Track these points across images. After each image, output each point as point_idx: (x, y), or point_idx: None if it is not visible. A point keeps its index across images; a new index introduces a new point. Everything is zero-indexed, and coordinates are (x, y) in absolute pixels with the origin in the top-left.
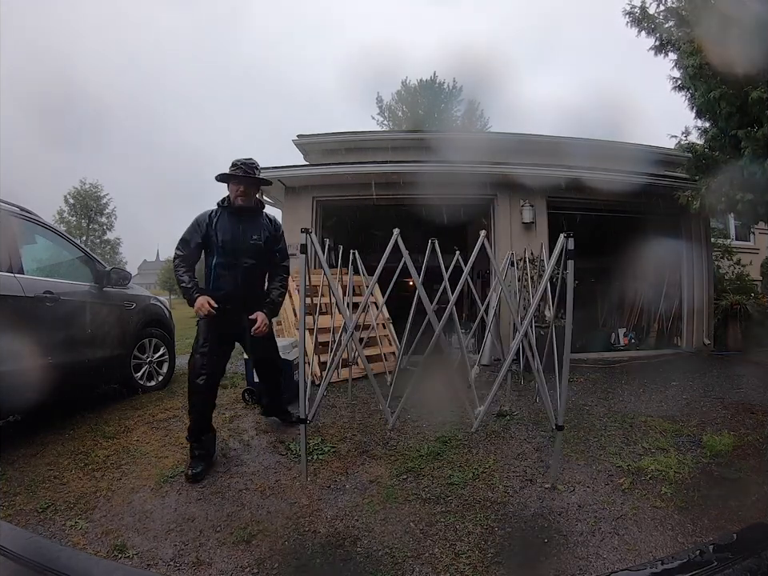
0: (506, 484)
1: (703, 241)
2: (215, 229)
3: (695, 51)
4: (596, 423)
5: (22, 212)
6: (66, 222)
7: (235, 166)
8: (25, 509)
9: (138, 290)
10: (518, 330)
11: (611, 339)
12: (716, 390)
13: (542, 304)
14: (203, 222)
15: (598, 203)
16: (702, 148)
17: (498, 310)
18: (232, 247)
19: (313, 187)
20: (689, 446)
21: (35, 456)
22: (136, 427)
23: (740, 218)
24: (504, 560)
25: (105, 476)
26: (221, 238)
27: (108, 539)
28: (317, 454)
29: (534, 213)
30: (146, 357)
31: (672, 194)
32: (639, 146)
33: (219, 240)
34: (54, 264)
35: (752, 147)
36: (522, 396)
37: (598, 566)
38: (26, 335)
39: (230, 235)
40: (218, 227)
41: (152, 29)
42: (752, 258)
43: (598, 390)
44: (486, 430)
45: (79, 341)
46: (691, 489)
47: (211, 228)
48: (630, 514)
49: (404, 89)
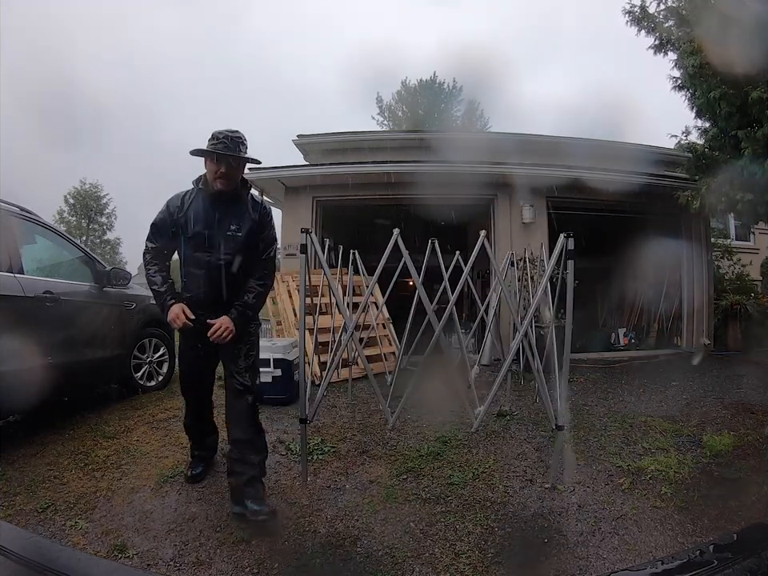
0: (506, 484)
1: (703, 241)
2: (186, 214)
3: (695, 51)
4: (596, 423)
5: (22, 212)
6: (66, 222)
7: (216, 140)
8: (25, 509)
9: (138, 290)
10: (517, 330)
11: (611, 339)
12: (716, 390)
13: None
14: (174, 206)
15: (598, 203)
16: (702, 148)
17: (497, 310)
18: (204, 239)
19: (313, 187)
20: (689, 446)
21: (35, 456)
22: (136, 427)
23: (740, 218)
24: (504, 560)
25: (105, 476)
26: (192, 227)
27: (108, 539)
28: (317, 454)
29: (534, 213)
30: (146, 357)
31: (672, 194)
32: (639, 146)
33: (190, 229)
34: (54, 264)
35: (752, 147)
36: (522, 396)
37: (597, 566)
38: (26, 335)
39: (202, 224)
40: (190, 213)
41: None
42: (752, 258)
43: (598, 390)
44: (486, 430)
45: (79, 341)
46: (691, 489)
47: (181, 213)
48: (630, 514)
49: (404, 89)
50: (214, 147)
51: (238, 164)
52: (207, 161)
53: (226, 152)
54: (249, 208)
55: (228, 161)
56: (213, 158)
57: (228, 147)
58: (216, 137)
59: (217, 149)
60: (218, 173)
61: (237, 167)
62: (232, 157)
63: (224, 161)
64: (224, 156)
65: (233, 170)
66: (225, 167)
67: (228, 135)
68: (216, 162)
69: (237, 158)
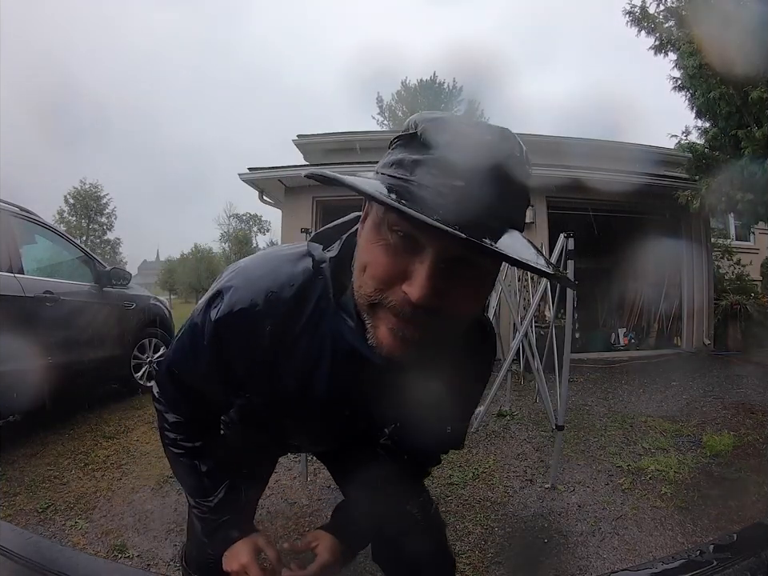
0: (506, 484)
1: (703, 241)
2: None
3: (695, 51)
4: (596, 423)
5: (22, 212)
6: (66, 222)
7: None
8: (25, 509)
9: (138, 290)
10: (518, 330)
11: (611, 339)
12: (716, 390)
13: (542, 304)
14: (274, 312)
15: (597, 203)
16: (702, 148)
17: (497, 310)
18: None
19: (313, 187)
20: (689, 446)
21: (35, 456)
22: (136, 427)
23: (740, 218)
24: (504, 560)
25: (105, 476)
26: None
27: (108, 539)
28: None
29: (534, 213)
30: (146, 357)
31: (672, 194)
32: (639, 146)
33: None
34: (54, 264)
35: (752, 147)
36: (522, 396)
37: (597, 566)
38: (26, 335)
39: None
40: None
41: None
42: (752, 258)
43: (598, 390)
44: (486, 430)
45: (79, 341)
46: (691, 489)
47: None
48: (630, 514)
49: (404, 89)
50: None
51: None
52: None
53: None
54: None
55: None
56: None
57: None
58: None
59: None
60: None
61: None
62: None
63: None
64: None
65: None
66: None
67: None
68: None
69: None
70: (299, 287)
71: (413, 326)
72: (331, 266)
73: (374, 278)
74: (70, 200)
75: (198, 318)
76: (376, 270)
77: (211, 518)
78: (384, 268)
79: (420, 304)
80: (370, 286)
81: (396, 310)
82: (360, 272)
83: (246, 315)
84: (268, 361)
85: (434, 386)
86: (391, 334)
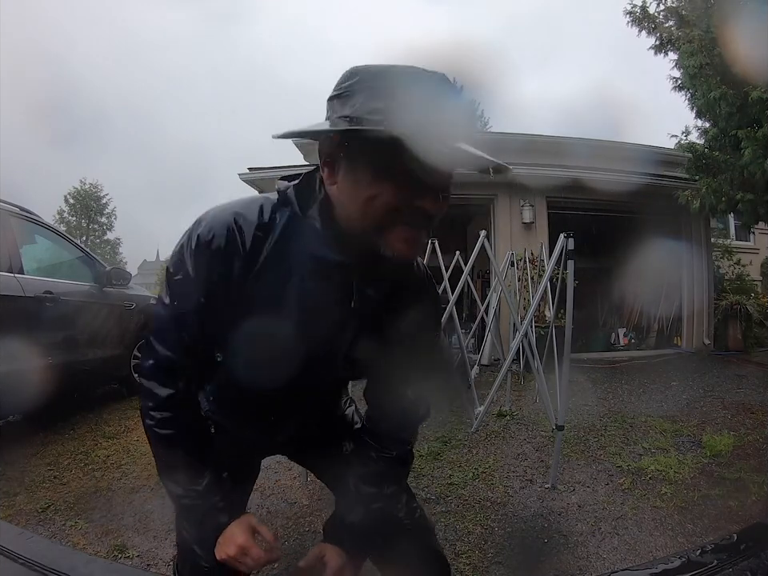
0: (506, 484)
1: (703, 241)
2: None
3: (695, 51)
4: (596, 423)
5: (22, 212)
6: (66, 222)
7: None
8: (25, 509)
9: (138, 290)
10: (518, 330)
11: (611, 339)
12: (716, 390)
13: (542, 304)
14: (236, 239)
15: (597, 203)
16: (702, 148)
17: (497, 310)
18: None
19: None
20: (689, 446)
21: (35, 456)
22: (136, 427)
23: (740, 218)
24: (504, 560)
25: (105, 476)
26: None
27: (108, 539)
28: None
29: (534, 213)
30: None
31: (672, 194)
32: (639, 146)
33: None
34: (54, 264)
35: (752, 147)
36: (522, 396)
37: (598, 566)
38: (26, 335)
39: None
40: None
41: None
42: (752, 258)
43: (598, 390)
44: (486, 430)
45: (79, 341)
46: (691, 489)
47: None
48: (630, 514)
49: None
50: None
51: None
52: (368, 166)
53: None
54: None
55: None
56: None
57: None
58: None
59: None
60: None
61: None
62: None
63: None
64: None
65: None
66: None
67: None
68: (416, 176)
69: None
70: (267, 208)
71: (425, 231)
72: (295, 188)
73: (388, 204)
74: (70, 200)
75: (182, 249)
76: (390, 198)
77: (201, 503)
78: (398, 193)
79: (434, 213)
80: (381, 211)
81: (413, 222)
82: (366, 203)
83: (221, 234)
84: (247, 279)
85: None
86: (407, 243)
